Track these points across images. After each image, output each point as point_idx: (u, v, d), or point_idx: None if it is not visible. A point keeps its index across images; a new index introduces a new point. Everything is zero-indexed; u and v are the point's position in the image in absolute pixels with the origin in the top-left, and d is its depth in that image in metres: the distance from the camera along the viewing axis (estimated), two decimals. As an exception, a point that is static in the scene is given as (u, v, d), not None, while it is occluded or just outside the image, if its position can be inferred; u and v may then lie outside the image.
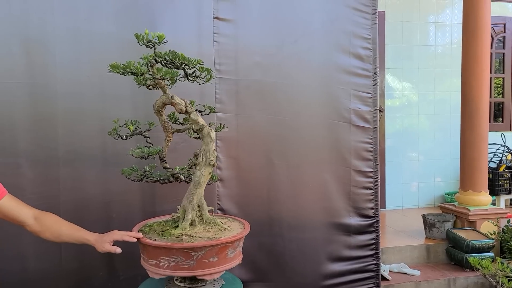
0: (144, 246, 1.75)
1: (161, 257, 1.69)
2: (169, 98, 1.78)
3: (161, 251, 1.68)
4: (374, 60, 2.99)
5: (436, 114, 5.47)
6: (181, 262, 1.68)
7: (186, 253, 1.66)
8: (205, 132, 1.84)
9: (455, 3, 5.42)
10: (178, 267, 1.69)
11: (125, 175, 1.96)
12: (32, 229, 1.81)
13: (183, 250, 1.66)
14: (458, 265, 3.71)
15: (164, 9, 2.57)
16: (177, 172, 1.97)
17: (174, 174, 1.95)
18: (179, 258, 1.67)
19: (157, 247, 1.68)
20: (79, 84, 2.44)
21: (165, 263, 1.69)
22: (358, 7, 2.93)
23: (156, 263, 1.71)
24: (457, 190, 4.51)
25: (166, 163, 1.95)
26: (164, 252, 1.67)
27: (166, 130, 1.91)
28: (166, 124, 1.89)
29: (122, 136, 1.94)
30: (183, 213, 1.85)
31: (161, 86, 1.80)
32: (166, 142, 1.94)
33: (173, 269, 1.69)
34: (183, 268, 1.69)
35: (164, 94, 1.80)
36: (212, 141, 1.84)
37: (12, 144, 2.36)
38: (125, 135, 1.94)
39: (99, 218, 2.47)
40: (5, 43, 2.33)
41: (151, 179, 1.95)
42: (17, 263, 2.39)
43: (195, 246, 1.66)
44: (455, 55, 5.27)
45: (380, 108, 3.15)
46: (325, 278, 2.95)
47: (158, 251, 1.68)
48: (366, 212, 3.03)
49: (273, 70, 2.81)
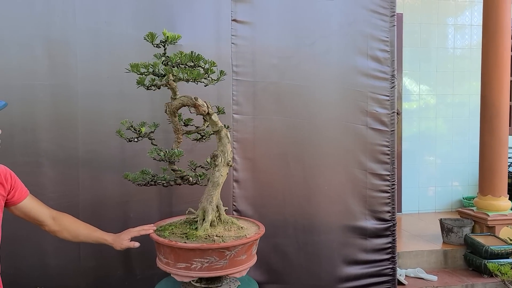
0: (173, 250, 1.72)
1: (193, 259, 1.69)
2: (192, 99, 1.79)
3: (195, 253, 1.68)
4: (392, 62, 2.97)
5: (454, 117, 5.39)
6: (215, 262, 1.70)
7: (220, 253, 1.69)
8: (223, 133, 1.86)
9: (475, 4, 5.34)
10: (211, 267, 1.70)
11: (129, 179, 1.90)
12: (51, 229, 1.86)
13: (219, 250, 1.68)
14: (477, 271, 3.66)
15: (182, 12, 2.60)
16: (187, 174, 1.93)
17: (183, 176, 1.91)
18: (213, 259, 1.69)
19: (191, 249, 1.68)
20: (99, 85, 2.48)
21: (198, 265, 1.69)
22: (376, 9, 2.92)
23: (187, 266, 1.70)
24: (475, 194, 4.45)
25: (174, 165, 1.90)
26: (198, 254, 1.68)
27: (177, 132, 1.89)
28: (178, 126, 1.88)
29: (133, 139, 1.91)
30: (202, 214, 1.86)
31: (173, 88, 1.79)
32: (176, 144, 1.90)
33: (206, 270, 1.71)
34: (216, 268, 1.71)
35: (184, 96, 1.80)
36: (229, 142, 1.87)
37: (33, 143, 2.41)
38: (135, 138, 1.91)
39: (117, 217, 2.50)
40: (28, 44, 2.39)
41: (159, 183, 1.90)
42: (37, 260, 2.44)
43: (230, 245, 1.69)
44: (475, 57, 5.19)
45: (397, 111, 3.12)
46: (340, 281, 2.94)
47: (191, 254, 1.69)
48: (383, 215, 3.01)
49: (290, 72, 2.81)
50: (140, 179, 1.88)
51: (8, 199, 1.72)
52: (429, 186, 5.37)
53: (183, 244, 1.69)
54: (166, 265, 1.78)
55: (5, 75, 2.36)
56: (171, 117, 1.84)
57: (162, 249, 1.77)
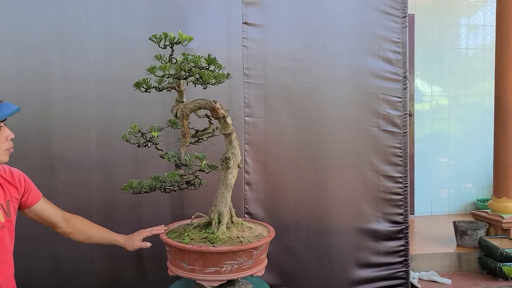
0: (202, 255, 1.69)
1: (224, 262, 1.69)
2: (211, 102, 1.78)
3: (226, 256, 1.68)
4: (404, 64, 2.95)
5: (467, 118, 5.33)
6: (244, 263, 1.71)
7: (249, 253, 1.72)
8: (234, 136, 1.87)
9: (488, 4, 5.28)
10: (240, 268, 1.72)
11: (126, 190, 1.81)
12: (63, 231, 1.88)
13: (248, 250, 1.71)
14: (491, 274, 3.60)
15: (194, 15, 2.61)
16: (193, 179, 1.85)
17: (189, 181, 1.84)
18: (243, 259, 1.71)
19: (222, 252, 1.67)
20: (112, 88, 2.51)
21: (228, 268, 1.69)
22: (388, 10, 2.90)
23: (217, 270, 1.69)
24: (489, 197, 4.39)
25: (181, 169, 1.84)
26: (229, 257, 1.69)
27: (185, 136, 1.85)
28: (187, 130, 1.84)
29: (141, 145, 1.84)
30: (218, 216, 1.86)
31: (181, 90, 1.77)
32: (184, 147, 1.85)
33: (236, 272, 1.71)
34: (245, 269, 1.73)
35: (201, 98, 1.78)
36: (238, 144, 1.88)
37: (47, 147, 2.44)
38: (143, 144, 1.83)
39: (130, 220, 2.52)
40: (42, 49, 2.43)
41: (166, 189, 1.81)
42: (51, 262, 2.46)
43: (258, 245, 1.73)
44: (488, 58, 5.12)
45: (409, 113, 3.10)
46: (352, 284, 2.92)
47: (222, 257, 1.68)
48: (395, 218, 2.99)
49: (301, 75, 2.81)
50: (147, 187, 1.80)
51: (22, 202, 1.74)
52: (442, 188, 5.31)
53: (214, 248, 1.68)
54: (190, 272, 1.72)
55: (20, 79, 2.39)
56: (182, 120, 1.81)
57: (187, 256, 1.72)
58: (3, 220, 1.63)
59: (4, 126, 1.61)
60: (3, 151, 1.60)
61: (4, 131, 1.60)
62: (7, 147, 1.61)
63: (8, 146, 1.62)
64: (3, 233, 1.63)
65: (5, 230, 1.64)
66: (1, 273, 1.63)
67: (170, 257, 1.81)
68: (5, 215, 1.64)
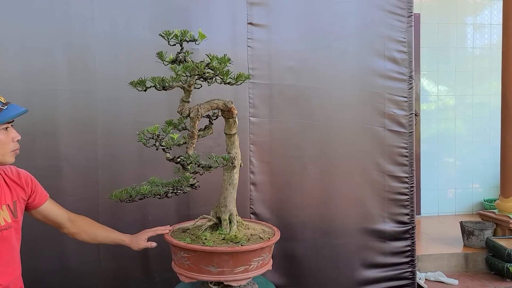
0: (234, 255, 1.67)
1: (252, 260, 1.71)
2: (228, 102, 1.78)
3: (256, 253, 1.71)
4: (410, 63, 2.94)
5: (474, 118, 5.30)
6: (265, 258, 1.76)
7: (270, 249, 1.77)
8: (236, 136, 1.88)
9: (494, 3, 5.25)
10: (263, 264, 1.76)
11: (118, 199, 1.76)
12: (69, 231, 1.90)
13: (270, 246, 1.77)
14: (499, 274, 3.58)
15: (199, 16, 2.62)
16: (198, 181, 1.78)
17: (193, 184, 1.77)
18: (266, 255, 1.75)
19: (253, 250, 1.70)
20: (118, 89, 2.50)
21: (255, 264, 1.72)
22: (393, 10, 2.89)
23: (245, 268, 1.70)
24: (497, 197, 4.35)
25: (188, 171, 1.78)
26: (258, 253, 1.72)
27: (193, 137, 1.80)
28: (196, 131, 1.80)
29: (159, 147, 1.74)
30: (229, 217, 1.86)
31: (190, 90, 1.73)
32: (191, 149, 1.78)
33: (259, 268, 1.75)
34: (264, 264, 1.77)
35: (219, 99, 1.78)
36: (238, 143, 1.89)
37: (54, 147, 2.46)
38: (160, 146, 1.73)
39: (136, 220, 2.53)
40: (48, 49, 2.44)
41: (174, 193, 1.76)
42: (57, 262, 2.48)
43: (275, 240, 1.79)
44: (495, 57, 5.09)
45: (415, 112, 3.08)
46: (358, 284, 2.91)
47: (252, 254, 1.70)
48: (401, 218, 2.97)
49: (306, 75, 2.81)
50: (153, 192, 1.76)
51: (29, 203, 1.75)
52: (449, 188, 5.28)
53: (247, 247, 1.69)
54: (219, 275, 1.68)
55: (27, 80, 2.41)
56: (193, 121, 1.75)
57: (216, 259, 1.68)
58: (10, 221, 1.64)
59: (11, 128, 1.62)
60: (9, 152, 1.61)
61: (10, 132, 1.61)
62: (13, 148, 1.62)
63: (14, 147, 1.63)
64: (10, 234, 1.64)
65: (12, 231, 1.66)
66: (9, 273, 1.65)
67: (190, 263, 1.71)
68: (12, 215, 1.66)
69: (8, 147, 1.60)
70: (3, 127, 1.57)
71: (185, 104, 1.77)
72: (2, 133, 1.57)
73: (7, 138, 1.59)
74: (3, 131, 1.58)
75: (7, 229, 1.63)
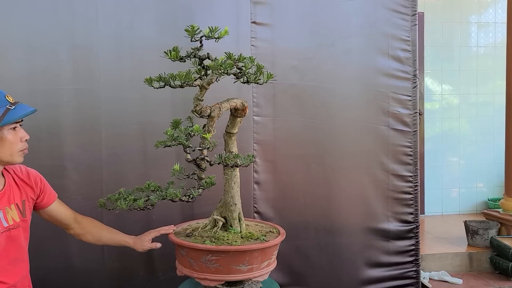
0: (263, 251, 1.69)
1: (273, 253, 1.79)
2: (245, 102, 1.79)
3: (276, 247, 1.79)
4: (414, 62, 2.93)
5: (478, 117, 5.28)
6: (277, 252, 1.82)
7: (282, 242, 1.82)
8: (236, 135, 1.88)
9: (499, 1, 5.22)
10: (275, 259, 1.82)
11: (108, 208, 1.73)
12: (75, 232, 1.90)
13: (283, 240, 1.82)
14: (503, 274, 3.56)
15: (203, 15, 2.62)
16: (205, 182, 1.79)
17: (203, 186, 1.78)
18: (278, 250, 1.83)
19: (275, 244, 1.77)
20: (122, 89, 2.52)
21: (273, 258, 1.81)
22: (397, 8, 2.88)
23: (269, 263, 1.77)
24: (501, 196, 4.34)
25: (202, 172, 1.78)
26: (276, 247, 1.79)
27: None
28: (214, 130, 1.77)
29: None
30: (238, 215, 1.87)
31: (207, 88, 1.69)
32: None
33: (274, 262, 1.82)
34: (275, 259, 1.83)
35: (237, 98, 1.77)
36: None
37: (58, 147, 2.47)
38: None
39: (140, 219, 2.52)
40: (53, 50, 2.45)
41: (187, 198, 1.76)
42: (63, 261, 2.49)
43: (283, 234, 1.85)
44: (499, 56, 5.06)
45: (419, 111, 3.08)
46: (362, 283, 2.91)
47: (274, 248, 1.78)
48: (405, 217, 2.97)
49: (310, 74, 2.80)
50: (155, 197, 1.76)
51: (38, 202, 1.76)
52: (453, 188, 5.26)
53: (273, 241, 1.75)
54: (249, 272, 1.69)
55: (31, 80, 2.42)
56: (213, 120, 1.71)
57: (248, 257, 1.67)
58: (18, 220, 1.65)
59: (19, 127, 1.62)
60: (18, 152, 1.61)
61: (19, 132, 1.61)
62: (21, 148, 1.62)
63: (23, 147, 1.63)
64: (18, 233, 1.65)
65: (20, 230, 1.66)
66: (17, 272, 1.66)
67: (219, 265, 1.66)
68: (20, 214, 1.66)
69: (17, 146, 1.60)
70: (11, 126, 1.57)
71: (199, 102, 1.70)
72: (10, 132, 1.58)
73: (15, 137, 1.59)
74: (11, 130, 1.58)
75: (15, 228, 1.63)
